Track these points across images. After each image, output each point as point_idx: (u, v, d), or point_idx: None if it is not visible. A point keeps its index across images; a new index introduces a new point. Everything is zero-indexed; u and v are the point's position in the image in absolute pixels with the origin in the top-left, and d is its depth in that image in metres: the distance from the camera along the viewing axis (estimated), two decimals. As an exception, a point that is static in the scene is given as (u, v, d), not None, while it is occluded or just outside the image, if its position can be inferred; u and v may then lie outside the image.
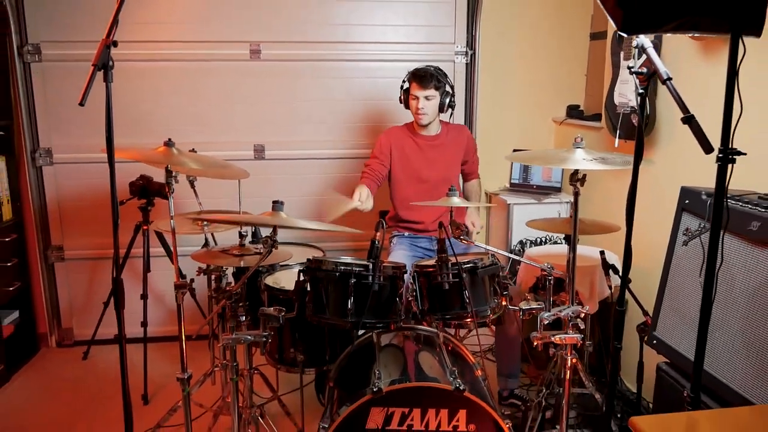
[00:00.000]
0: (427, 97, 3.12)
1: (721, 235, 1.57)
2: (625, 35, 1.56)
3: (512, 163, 4.09)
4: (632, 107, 3.00)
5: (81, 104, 1.80)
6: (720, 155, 1.52)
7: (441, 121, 3.30)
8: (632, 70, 1.62)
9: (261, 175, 3.91)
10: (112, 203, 1.99)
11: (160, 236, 3.46)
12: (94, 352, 3.89)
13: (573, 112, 4.06)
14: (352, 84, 4.00)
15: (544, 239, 3.72)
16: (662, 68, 1.57)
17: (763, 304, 1.91)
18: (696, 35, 2.53)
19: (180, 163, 2.27)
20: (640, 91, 1.62)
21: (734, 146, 1.52)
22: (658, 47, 2.84)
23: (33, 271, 3.90)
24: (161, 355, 3.81)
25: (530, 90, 4.23)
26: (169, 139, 2.31)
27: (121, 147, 2.16)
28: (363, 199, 2.99)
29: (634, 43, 1.61)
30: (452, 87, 3.22)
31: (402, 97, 3.26)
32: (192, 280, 2.33)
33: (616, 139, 3.11)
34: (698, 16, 1.50)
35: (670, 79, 1.56)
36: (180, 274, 3.48)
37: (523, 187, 4.07)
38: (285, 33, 3.86)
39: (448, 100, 3.18)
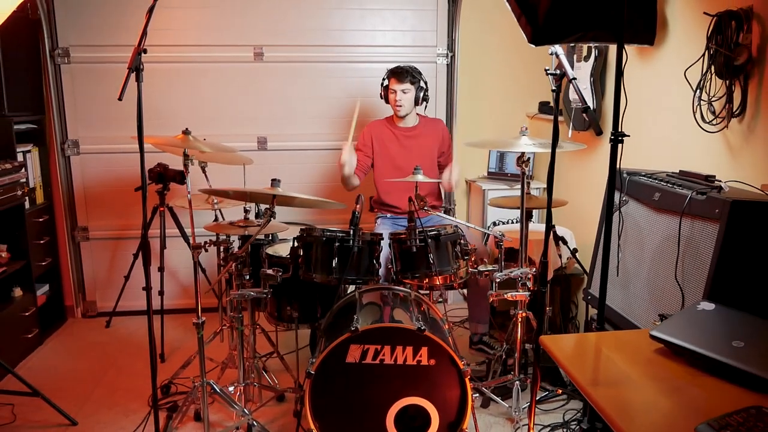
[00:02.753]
0: (403, 91, 3.59)
1: (620, 200, 2.03)
2: (534, 46, 2.01)
3: (489, 153, 4.55)
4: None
5: (119, 99, 2.27)
6: (611, 137, 1.98)
7: (418, 114, 3.77)
8: (547, 71, 2.08)
9: (264, 164, 4.35)
10: (142, 178, 2.42)
11: (173, 215, 3.92)
12: (116, 322, 4.35)
13: (544, 107, 4.47)
14: (346, 83, 4.43)
15: (513, 220, 4.18)
16: (569, 71, 2.04)
17: (662, 258, 2.38)
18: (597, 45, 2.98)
19: (195, 147, 2.75)
20: (553, 88, 2.08)
21: (629, 129, 1.98)
22: (603, 51, 3.31)
23: (61, 249, 4.36)
24: (176, 324, 4.28)
25: (505, 88, 4.64)
26: (187, 128, 2.79)
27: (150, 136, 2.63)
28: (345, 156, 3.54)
29: (550, 51, 2.07)
30: (426, 83, 3.69)
31: (382, 93, 3.72)
32: (206, 242, 2.79)
33: (570, 130, 3.58)
34: (593, 30, 1.97)
35: (575, 79, 2.03)
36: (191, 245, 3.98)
37: (498, 175, 4.53)
38: (286, 37, 4.31)
39: (422, 94, 3.65)
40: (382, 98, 3.75)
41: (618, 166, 2.00)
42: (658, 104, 2.92)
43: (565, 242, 3.24)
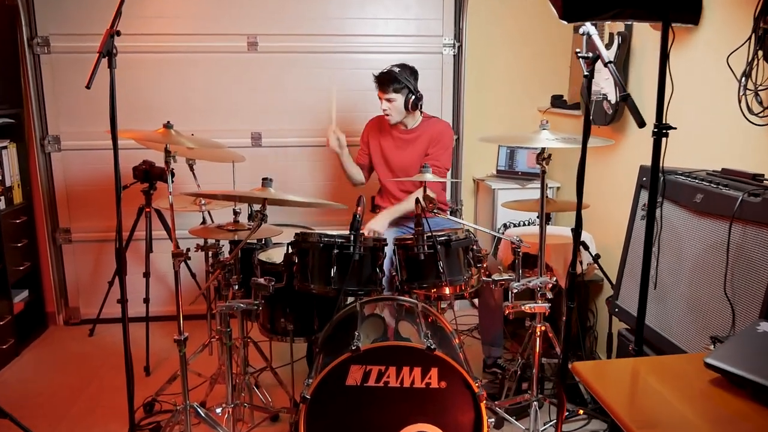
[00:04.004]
0: (388, 99, 3.30)
1: (661, 201, 1.75)
2: (565, 23, 1.74)
3: (499, 150, 4.27)
4: (603, 95, 3.18)
5: (87, 87, 2.00)
6: (654, 130, 1.70)
7: (424, 114, 3.47)
8: (579, 54, 1.80)
9: (257, 162, 4.08)
10: (116, 179, 2.16)
11: (161, 216, 3.66)
12: (100, 329, 4.08)
13: (557, 101, 4.21)
14: (345, 75, 4.15)
15: (526, 222, 3.90)
16: (605, 53, 1.75)
17: (705, 269, 2.09)
18: (655, 23, 2.69)
19: (178, 143, 2.46)
20: (586, 73, 1.80)
21: (668, 122, 1.71)
22: (627, 38, 3.03)
23: (42, 252, 4.09)
24: (163, 332, 4.00)
25: (516, 80, 4.38)
26: (168, 122, 2.51)
27: (127, 129, 2.35)
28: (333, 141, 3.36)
29: (581, 31, 1.79)
30: (413, 86, 3.33)
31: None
32: (188, 249, 2.51)
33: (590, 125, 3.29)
34: (634, 6, 1.68)
35: (611, 62, 1.74)
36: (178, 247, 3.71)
37: (508, 173, 4.25)
38: (281, 26, 4.03)
39: (412, 99, 3.29)
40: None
41: (662, 163, 1.71)
42: (694, 94, 2.63)
43: (586, 247, 2.96)
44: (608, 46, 3.14)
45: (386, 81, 3.27)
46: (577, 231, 1.90)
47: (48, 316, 4.20)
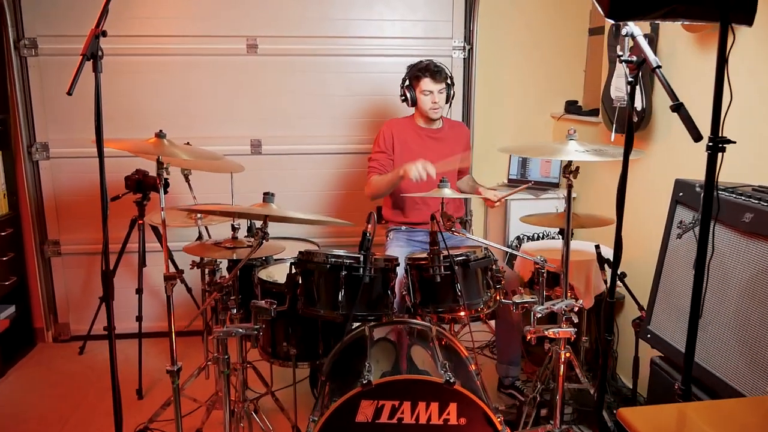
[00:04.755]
0: (440, 91, 3.13)
1: (712, 225, 1.55)
2: (613, 22, 1.54)
3: (510, 158, 4.07)
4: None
5: (69, 93, 1.80)
6: (710, 144, 1.50)
7: (442, 116, 3.29)
8: (622, 58, 1.60)
9: (257, 170, 3.91)
10: (102, 193, 1.97)
11: (155, 230, 3.46)
12: (91, 347, 3.87)
13: (571, 107, 4.04)
14: (350, 79, 3.98)
15: (540, 235, 3.70)
16: (652, 56, 1.55)
17: (755, 296, 1.89)
18: (689, 24, 2.50)
19: (171, 154, 2.26)
20: (630, 79, 1.60)
21: (725, 135, 1.50)
22: (654, 39, 2.83)
23: (29, 265, 3.88)
24: (157, 350, 3.80)
25: (528, 85, 4.20)
26: (161, 131, 2.31)
27: (115, 139, 2.16)
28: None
29: (624, 32, 1.59)
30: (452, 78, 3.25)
31: (406, 94, 3.20)
32: (182, 271, 2.32)
33: (612, 133, 3.09)
34: (688, 3, 1.48)
35: (659, 67, 1.55)
36: (175, 267, 3.50)
37: (520, 182, 4.04)
38: (282, 27, 3.84)
39: (452, 92, 3.21)
40: (403, 100, 3.24)
41: (716, 177, 1.51)
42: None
43: (611, 265, 2.75)
44: (633, 49, 2.94)
45: (440, 70, 3.14)
46: (616, 257, 1.70)
47: (36, 333, 3.99)
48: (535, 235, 3.70)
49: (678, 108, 1.47)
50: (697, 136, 1.45)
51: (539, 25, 4.12)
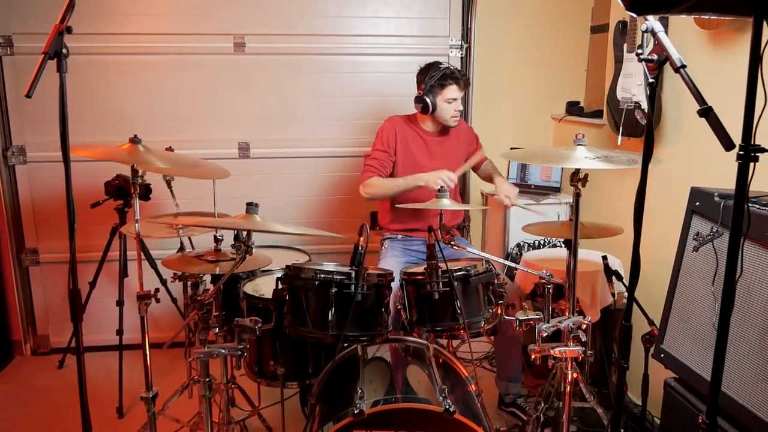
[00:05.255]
0: (462, 98, 2.99)
1: (742, 242, 1.39)
2: (634, 15, 1.37)
3: (509, 161, 3.91)
4: (636, 102, 2.82)
5: (28, 96, 1.64)
6: (741, 152, 1.33)
7: None
8: (641, 56, 1.43)
9: (245, 175, 3.76)
10: (68, 204, 1.80)
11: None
12: (71, 360, 3.70)
13: (573, 108, 3.89)
14: (343, 79, 3.82)
15: (542, 242, 3.54)
16: (675, 55, 1.39)
17: (783, 318, 1.73)
18: (704, 19, 2.34)
19: (146, 161, 2.09)
20: (651, 80, 1.44)
21: (758, 143, 1.34)
22: (664, 39, 2.67)
23: (6, 275, 3.71)
24: (140, 363, 3.58)
25: (528, 85, 4.05)
26: (135, 136, 2.14)
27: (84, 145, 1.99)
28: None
29: (644, 27, 1.43)
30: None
31: (426, 101, 2.94)
32: (157, 290, 2.16)
33: (619, 137, 2.93)
34: (716, -5, 1.32)
35: (683, 66, 1.38)
36: (159, 276, 3.33)
37: (520, 187, 3.86)
38: (271, 25, 3.67)
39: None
40: (422, 106, 2.98)
41: (747, 189, 1.35)
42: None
43: (620, 278, 2.59)
44: (640, 47, 2.78)
45: (466, 78, 3.00)
46: (632, 279, 1.53)
47: (14, 345, 3.82)
48: (537, 243, 3.53)
49: (707, 113, 1.31)
50: (728, 144, 1.29)
51: (539, 22, 3.97)
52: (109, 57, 3.56)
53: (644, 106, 2.77)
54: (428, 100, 2.94)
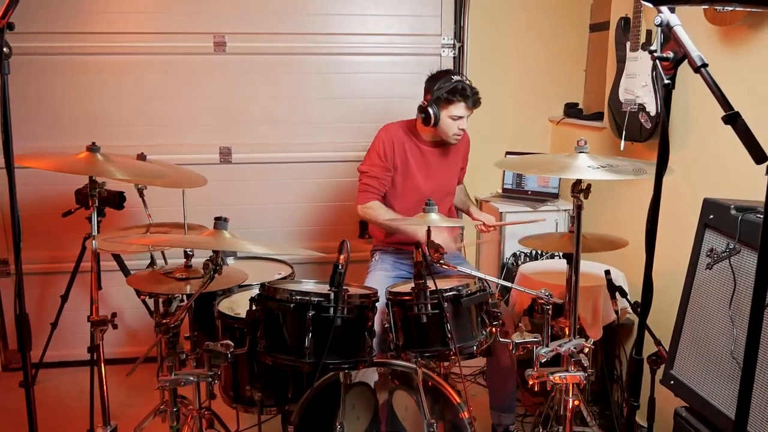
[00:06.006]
0: (468, 117, 2.74)
1: (733, 247, 1.21)
2: (648, 5, 1.19)
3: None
4: (640, 105, 2.64)
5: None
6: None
7: None
8: (655, 54, 1.25)
9: (227, 181, 3.60)
10: (12, 219, 1.63)
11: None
12: (43, 376, 3.49)
13: (571, 111, 3.74)
14: (330, 80, 3.66)
15: (540, 252, 3.35)
16: (695, 52, 1.21)
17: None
18: (716, 12, 2.16)
19: (105, 172, 1.90)
20: (666, 81, 1.25)
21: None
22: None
23: (-25, 287, 3.53)
24: (116, 380, 3.40)
25: (524, 86, 3.90)
26: (93, 143, 1.95)
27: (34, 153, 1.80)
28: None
29: (657, 20, 1.25)
30: None
31: (429, 112, 2.69)
32: (114, 315, 1.97)
33: (622, 142, 2.75)
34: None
35: (705, 65, 1.20)
36: (137, 292, 3.15)
37: (516, 193, 3.71)
38: (253, 23, 3.52)
39: None
40: (424, 117, 2.73)
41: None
42: (763, 106, 2.10)
43: (624, 294, 2.41)
44: (645, 46, 2.61)
45: (477, 97, 2.72)
46: (644, 306, 1.35)
47: (-17, 361, 3.63)
48: (533, 253, 3.35)
49: (734, 119, 1.12)
50: (760, 157, 1.11)
51: (535, 20, 3.82)
52: (82, 57, 3.40)
53: (649, 108, 2.59)
54: (431, 111, 2.69)
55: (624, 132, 2.73)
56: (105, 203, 2.93)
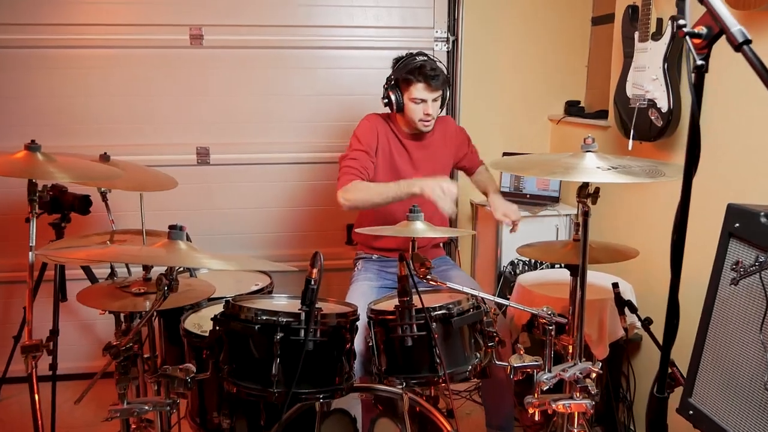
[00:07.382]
0: (434, 99, 2.48)
1: (764, 260, 0.98)
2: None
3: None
4: (650, 100, 2.42)
5: None
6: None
7: None
8: (686, 30, 1.02)
9: (205, 183, 3.42)
10: None
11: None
12: (7, 392, 3.30)
13: (572, 108, 3.54)
14: (315, 75, 3.48)
15: (542, 264, 3.14)
16: (735, 26, 0.98)
17: None
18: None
19: (47, 174, 1.67)
20: (699, 62, 1.02)
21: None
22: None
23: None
24: (80, 395, 3.21)
25: (522, 83, 3.72)
26: (33, 141, 1.73)
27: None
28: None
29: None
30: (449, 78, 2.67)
31: (390, 98, 2.52)
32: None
33: (630, 141, 2.54)
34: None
35: (748, 42, 0.97)
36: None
37: (514, 196, 3.48)
38: (232, 15, 3.33)
39: (447, 95, 2.57)
40: (386, 104, 2.57)
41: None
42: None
43: (633, 309, 2.19)
44: (656, 36, 2.38)
45: (436, 75, 2.46)
46: (668, 334, 1.12)
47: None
48: (533, 262, 3.13)
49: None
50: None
51: (534, 13, 3.64)
52: (46, 51, 3.22)
53: (660, 104, 2.37)
54: (393, 96, 2.50)
55: (632, 130, 2.50)
56: (69, 208, 2.74)
